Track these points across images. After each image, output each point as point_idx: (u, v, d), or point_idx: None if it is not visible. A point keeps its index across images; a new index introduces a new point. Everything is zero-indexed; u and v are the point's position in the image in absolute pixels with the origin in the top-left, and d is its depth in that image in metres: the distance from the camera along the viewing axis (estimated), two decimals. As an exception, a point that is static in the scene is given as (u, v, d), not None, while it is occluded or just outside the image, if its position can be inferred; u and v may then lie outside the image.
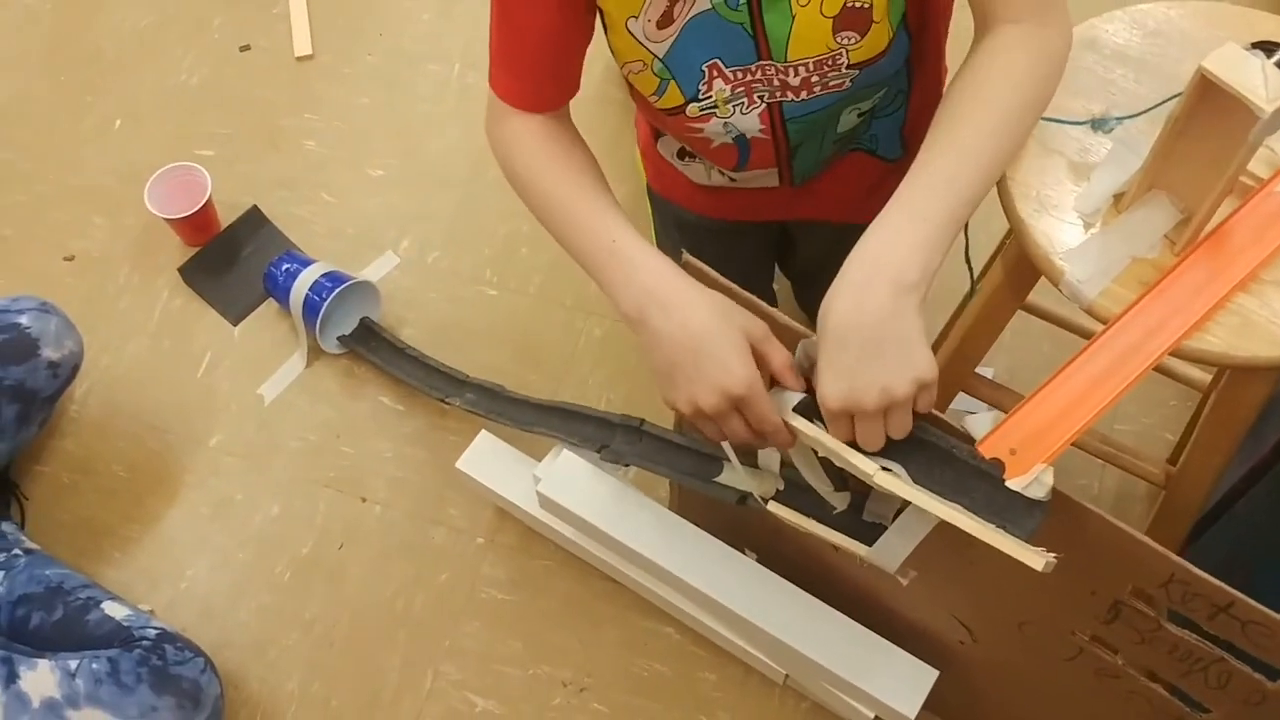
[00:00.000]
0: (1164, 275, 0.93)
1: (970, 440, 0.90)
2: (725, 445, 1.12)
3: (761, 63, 1.01)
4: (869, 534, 1.01)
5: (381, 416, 1.69)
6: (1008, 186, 0.99)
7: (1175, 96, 0.89)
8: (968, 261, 1.18)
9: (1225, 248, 0.94)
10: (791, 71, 1.02)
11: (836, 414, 0.87)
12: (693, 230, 1.40)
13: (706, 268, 0.97)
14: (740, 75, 1.03)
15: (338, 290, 1.69)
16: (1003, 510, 0.89)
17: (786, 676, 1.44)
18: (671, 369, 0.91)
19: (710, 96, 1.05)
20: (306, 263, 1.74)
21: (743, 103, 1.06)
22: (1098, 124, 1.01)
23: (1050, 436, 0.88)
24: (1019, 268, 1.02)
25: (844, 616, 1.28)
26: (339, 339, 1.72)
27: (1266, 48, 0.92)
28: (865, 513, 1.06)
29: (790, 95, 1.05)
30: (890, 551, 0.99)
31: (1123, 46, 1.05)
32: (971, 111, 0.89)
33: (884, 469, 0.91)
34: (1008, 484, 0.87)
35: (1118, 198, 0.97)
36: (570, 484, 1.36)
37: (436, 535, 1.60)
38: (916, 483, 0.91)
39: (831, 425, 0.89)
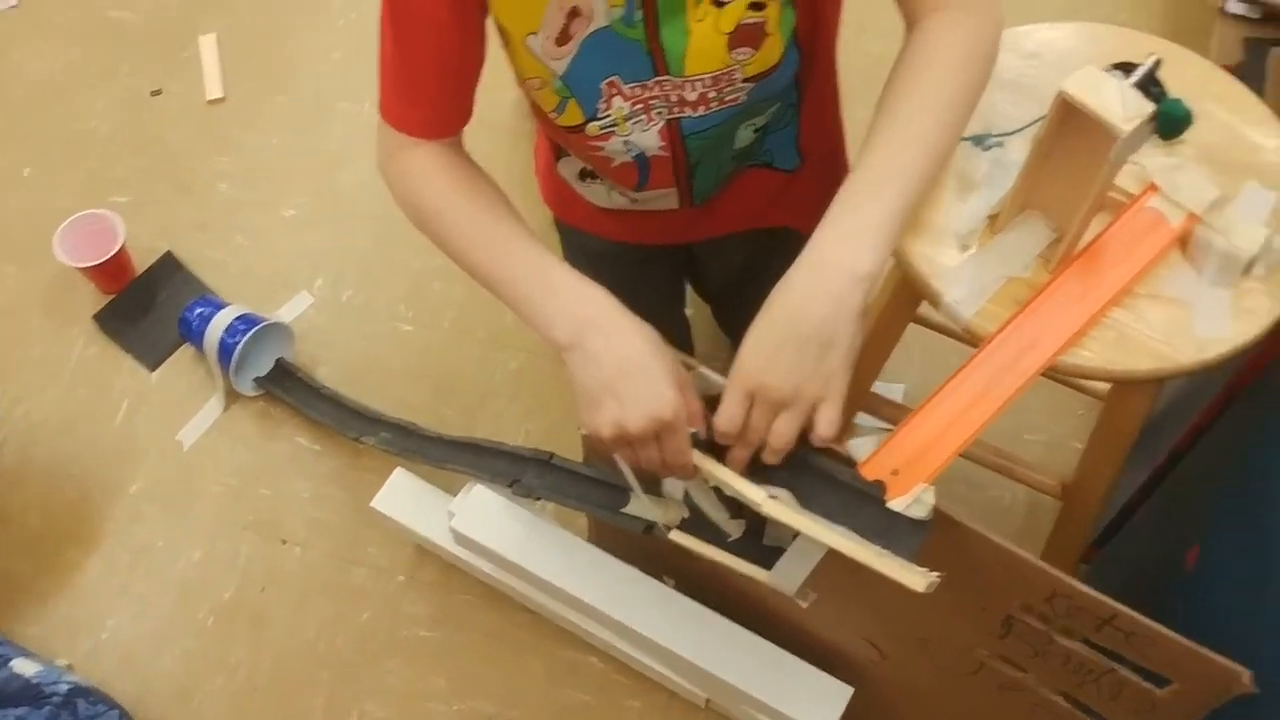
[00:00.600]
0: (1037, 293, 0.95)
1: (853, 463, 0.91)
2: (629, 475, 1.12)
3: (659, 79, 1.02)
4: (770, 559, 1.02)
5: (299, 457, 1.68)
6: (887, 211, 1.00)
7: (1044, 118, 0.91)
8: None
9: (1098, 264, 0.96)
10: (689, 87, 1.02)
11: (741, 393, 0.87)
12: (601, 259, 1.40)
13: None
14: (639, 92, 1.03)
15: (251, 332, 1.68)
16: (887, 531, 0.90)
17: (708, 701, 1.44)
18: (603, 391, 0.91)
19: (610, 114, 1.05)
20: (220, 306, 1.73)
21: (642, 120, 1.06)
22: (978, 140, 1.03)
23: (930, 456, 0.89)
24: (903, 288, 1.04)
25: (760, 639, 1.29)
26: (255, 381, 1.71)
27: (1125, 68, 0.95)
28: (766, 537, 1.06)
29: (688, 111, 1.05)
30: (788, 575, 1.00)
31: (1000, 68, 1.07)
32: (907, 107, 0.90)
33: (772, 497, 0.92)
34: (889, 505, 0.89)
35: (993, 218, 0.99)
36: (484, 519, 1.36)
37: (357, 574, 1.59)
38: (805, 507, 0.92)
39: (726, 403, 0.89)
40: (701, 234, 1.32)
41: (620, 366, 0.90)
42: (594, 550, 1.37)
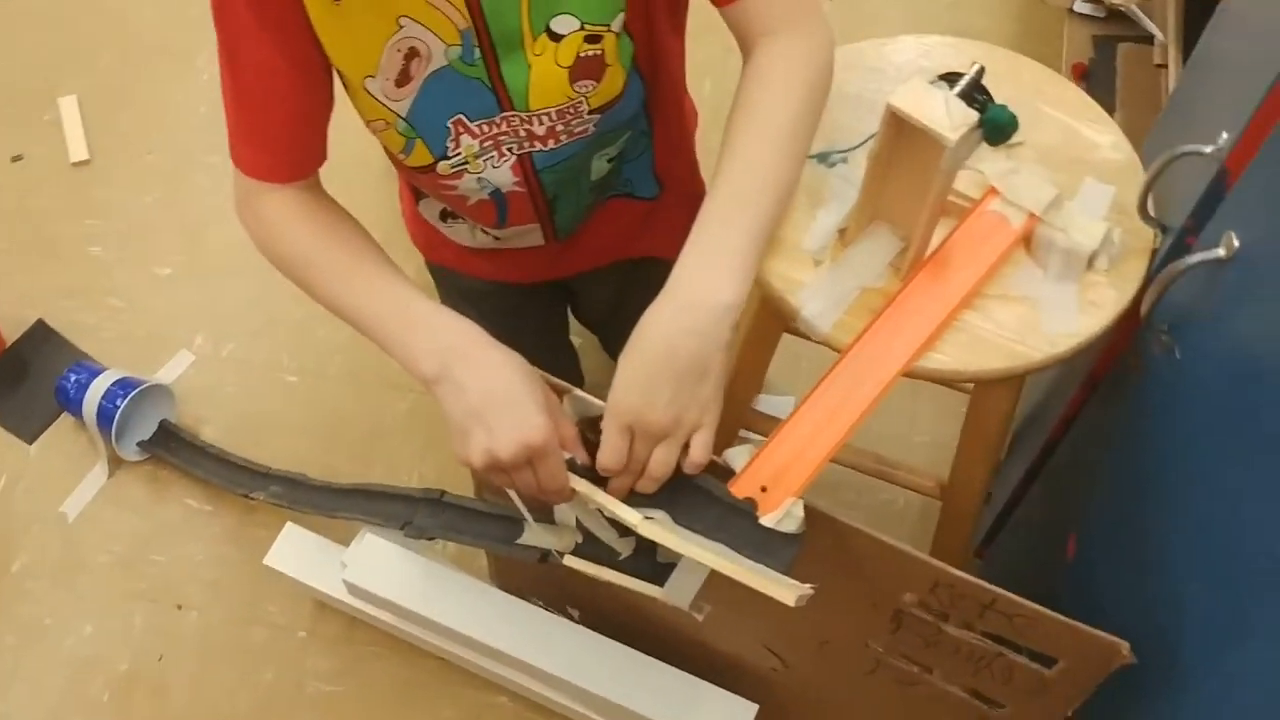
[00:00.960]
0: (890, 302, 0.97)
1: (731, 472, 0.92)
2: (518, 502, 1.12)
3: (505, 114, 1.02)
4: (664, 575, 1.02)
5: (190, 519, 1.65)
6: (741, 231, 1.01)
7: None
8: None
9: (946, 269, 0.98)
10: (535, 121, 1.03)
11: (620, 428, 0.88)
12: (477, 297, 1.40)
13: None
14: (486, 129, 1.03)
15: (131, 396, 1.64)
16: (762, 545, 0.91)
17: (620, 730, 1.44)
18: (471, 420, 0.91)
19: (459, 153, 1.05)
20: (97, 371, 1.69)
21: (492, 156, 1.06)
22: (822, 157, 1.05)
23: (797, 470, 0.91)
24: (765, 306, 1.05)
25: (662, 664, 1.29)
26: (139, 445, 1.67)
27: (950, 79, 0.97)
28: (659, 554, 1.07)
29: (538, 145, 1.06)
30: (681, 590, 1.00)
31: (842, 84, 1.10)
32: (750, 131, 0.92)
33: (648, 518, 0.92)
34: (761, 521, 0.90)
35: (843, 232, 1.01)
36: (378, 568, 1.35)
37: (257, 634, 1.56)
38: (682, 525, 0.93)
39: (608, 441, 0.89)
40: (571, 269, 1.32)
41: (487, 395, 0.90)
42: (492, 591, 1.36)
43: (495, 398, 0.90)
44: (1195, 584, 0.90)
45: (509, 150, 1.06)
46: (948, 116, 0.86)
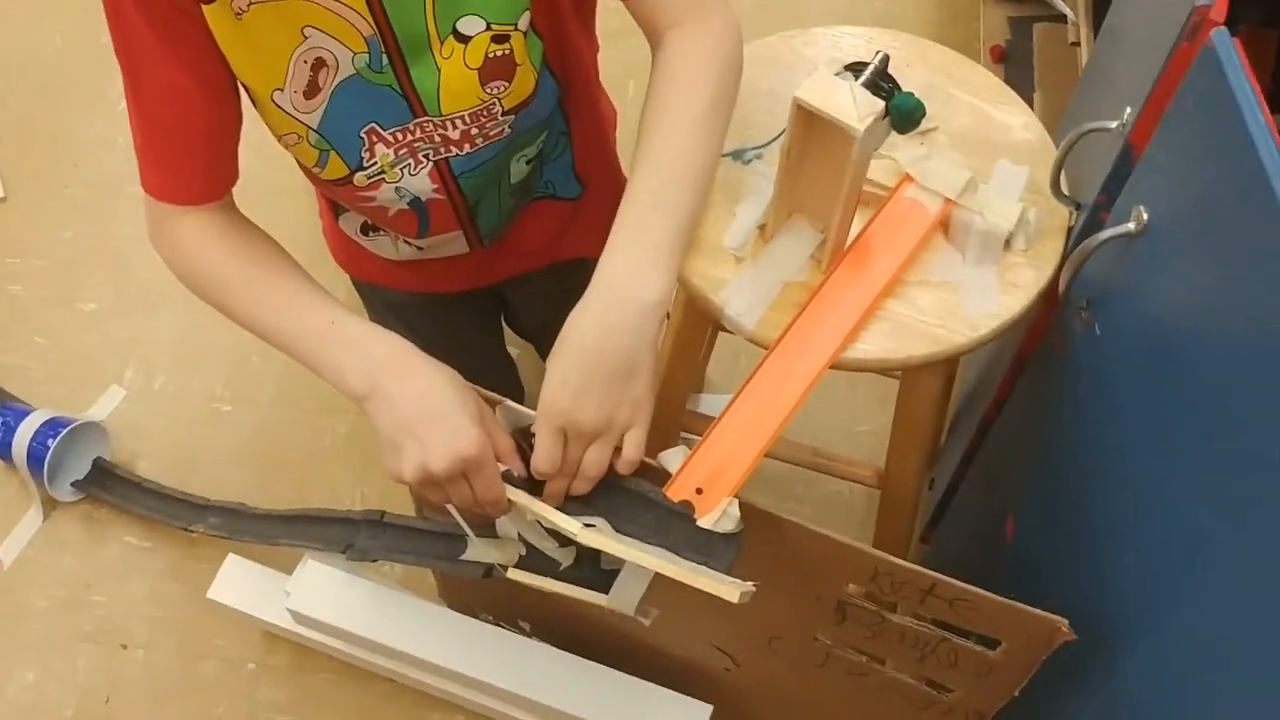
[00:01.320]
0: (813, 294, 0.97)
1: (668, 475, 0.91)
2: (458, 517, 1.11)
3: (418, 120, 1.00)
4: (609, 581, 1.02)
5: (131, 557, 1.62)
6: (661, 233, 1.01)
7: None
8: None
9: (865, 258, 0.98)
10: (450, 126, 1.01)
11: (553, 431, 0.87)
12: (405, 310, 1.38)
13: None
14: (400, 136, 1.02)
15: (61, 435, 1.61)
16: (702, 546, 0.91)
17: (578, 740, 1.43)
18: (403, 434, 0.89)
19: (375, 163, 1.03)
20: (25, 413, 1.65)
21: (409, 164, 1.05)
22: (736, 154, 1.05)
23: (731, 469, 0.90)
24: (692, 306, 1.05)
25: (615, 671, 1.29)
26: (73, 485, 1.64)
27: (856, 69, 0.98)
28: (603, 561, 1.06)
29: (454, 150, 1.04)
30: (625, 596, 1.00)
31: (752, 80, 1.10)
32: (662, 126, 0.91)
33: (588, 525, 0.92)
34: (698, 522, 0.89)
35: (762, 228, 1.01)
36: (321, 594, 1.33)
37: (206, 669, 1.54)
38: (621, 531, 0.92)
39: (541, 443, 0.88)
40: (498, 275, 1.31)
41: (418, 408, 0.89)
42: (440, 609, 1.35)
43: (425, 410, 0.89)
44: (1129, 556, 0.91)
45: (425, 157, 1.04)
46: (854, 107, 0.86)
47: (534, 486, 0.95)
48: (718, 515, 0.90)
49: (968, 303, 0.97)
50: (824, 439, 1.67)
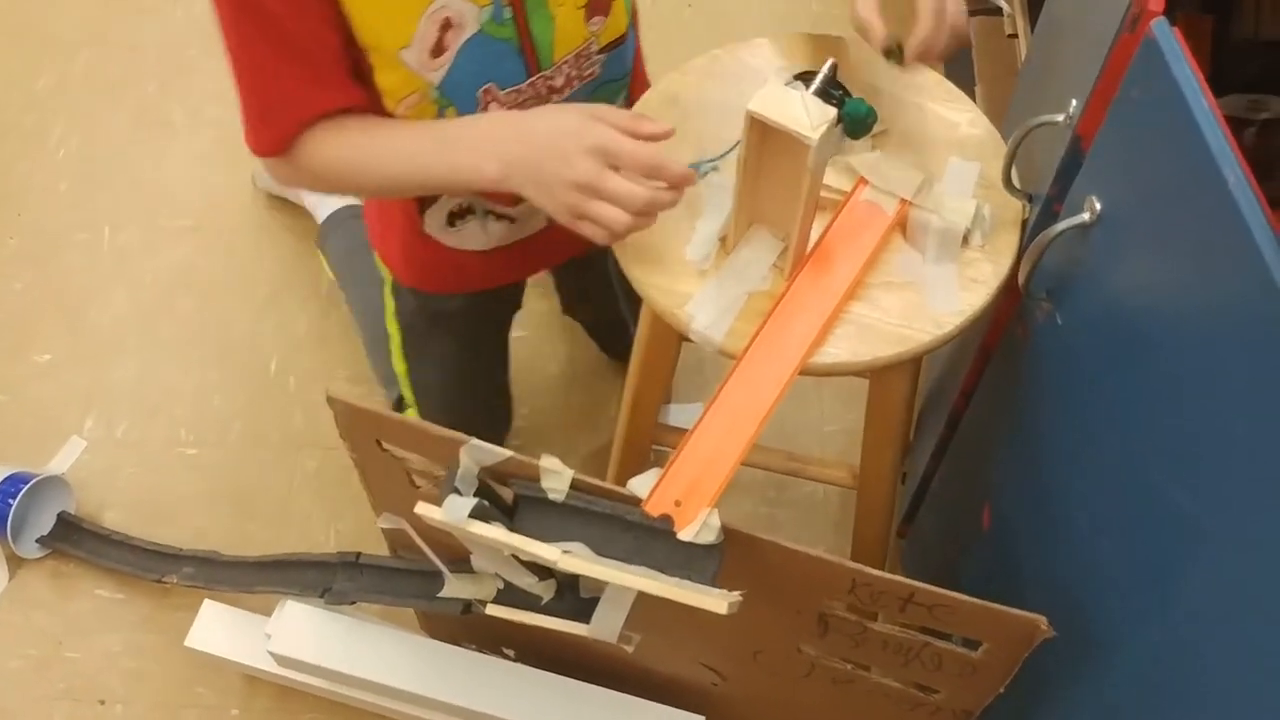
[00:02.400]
0: (777, 303, 0.97)
1: (637, 501, 0.92)
2: (432, 555, 1.11)
3: (532, 79, 1.06)
4: (589, 609, 1.01)
5: (103, 610, 1.59)
6: (623, 249, 1.01)
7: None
8: None
9: (827, 264, 0.99)
10: (557, 75, 1.08)
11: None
12: (452, 319, 1.41)
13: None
14: (513, 97, 1.07)
15: (23, 492, 1.58)
16: (684, 562, 0.91)
17: (570, 762, 1.42)
18: (542, 172, 0.95)
19: None
20: (-16, 471, 1.62)
21: None
22: (695, 168, 1.05)
23: (707, 480, 0.91)
24: (658, 322, 1.05)
25: (604, 690, 1.28)
26: (38, 541, 1.61)
27: (805, 78, 0.98)
28: (581, 589, 1.06)
29: (555, 97, 1.10)
30: (606, 624, 1.00)
31: (702, 94, 1.11)
32: None
33: (566, 552, 0.92)
34: (679, 535, 0.90)
35: (724, 239, 1.01)
36: (303, 635, 1.31)
37: (188, 718, 1.51)
38: (601, 554, 0.92)
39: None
40: (570, 251, 1.32)
41: (539, 152, 0.95)
42: (422, 640, 1.34)
43: (544, 141, 0.95)
44: (1104, 542, 0.92)
45: None
46: (806, 116, 0.87)
47: (510, 521, 0.95)
48: (698, 527, 0.90)
49: (931, 302, 0.98)
50: (794, 440, 1.68)
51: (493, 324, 1.50)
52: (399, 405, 1.61)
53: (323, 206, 1.78)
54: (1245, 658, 0.74)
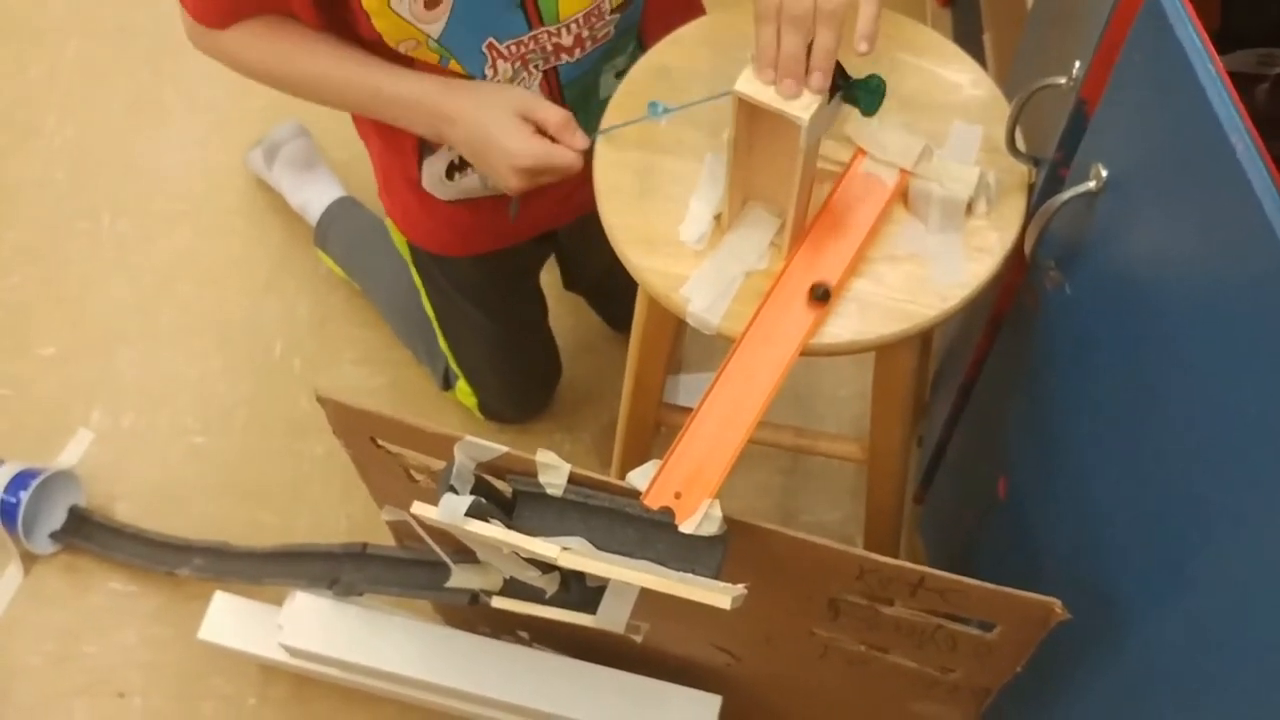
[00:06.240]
0: (775, 282, 0.94)
1: (636, 494, 0.89)
2: (435, 547, 1.09)
3: (535, 32, 1.05)
4: (596, 600, 1.00)
5: (117, 604, 1.59)
6: (614, 234, 0.99)
7: (720, 95, 0.92)
8: None
9: (827, 239, 0.96)
10: (564, 33, 1.06)
11: (767, 19, 0.84)
12: (468, 289, 1.43)
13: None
14: (515, 49, 1.05)
15: (33, 486, 1.58)
16: (688, 554, 0.89)
17: (590, 742, 1.42)
18: (479, 162, 1.06)
19: (497, 78, 1.08)
20: (-7, 468, 1.62)
21: (524, 77, 1.09)
22: (652, 107, 1.00)
23: (708, 470, 0.88)
24: (655, 305, 1.02)
25: (620, 672, 1.27)
26: (51, 536, 1.61)
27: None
28: (589, 578, 1.05)
29: (565, 57, 1.09)
30: (613, 615, 0.98)
31: (694, 64, 1.07)
32: None
33: (565, 549, 0.90)
34: (680, 527, 0.87)
35: (719, 218, 0.98)
36: (314, 625, 1.31)
37: (206, 709, 1.52)
38: (603, 548, 0.90)
39: (759, 33, 0.84)
40: (573, 211, 1.31)
41: (473, 143, 1.04)
42: (433, 627, 1.33)
43: (479, 144, 1.03)
44: (1120, 517, 0.89)
45: (535, 68, 1.08)
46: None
47: (508, 520, 0.93)
48: (699, 519, 0.88)
49: (935, 274, 0.95)
50: (807, 406, 1.66)
51: (519, 282, 1.49)
52: (447, 379, 1.60)
53: (311, 207, 1.76)
54: (1265, 638, 0.71)
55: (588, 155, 1.02)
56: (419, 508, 0.92)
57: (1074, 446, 0.98)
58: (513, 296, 1.50)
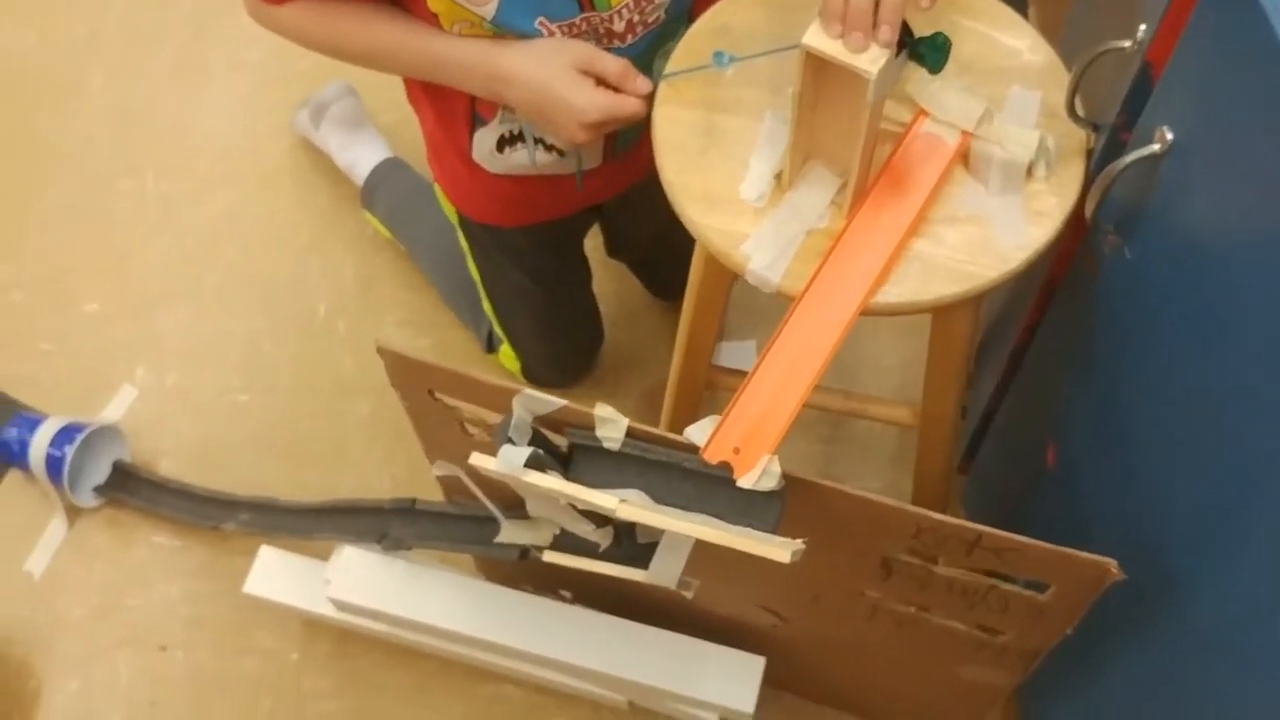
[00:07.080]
0: (836, 241, 0.95)
1: (694, 448, 0.90)
2: (487, 502, 1.10)
3: (585, 15, 1.05)
4: (647, 555, 1.01)
5: (161, 558, 1.61)
6: (674, 193, 0.99)
7: (787, 48, 0.92)
8: None
9: (888, 199, 0.96)
10: (615, 18, 1.07)
11: None
12: (517, 254, 1.44)
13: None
14: (566, 31, 1.06)
15: (78, 440, 1.60)
16: (746, 509, 0.90)
17: (631, 703, 1.43)
18: (542, 120, 1.08)
19: None
20: (38, 421, 1.63)
21: None
22: (717, 57, 1.02)
23: (767, 426, 0.89)
24: (713, 263, 1.03)
25: (663, 631, 1.29)
26: (95, 490, 1.63)
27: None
28: (639, 535, 1.05)
29: (616, 43, 1.09)
30: (665, 570, 0.99)
31: (753, 24, 1.07)
32: None
33: (623, 500, 0.91)
34: (738, 483, 0.88)
35: (779, 177, 0.98)
36: (361, 579, 1.33)
37: (249, 663, 1.53)
38: (660, 502, 0.91)
39: (826, 10, 0.85)
40: (618, 187, 1.32)
41: (535, 104, 1.06)
42: (481, 583, 1.34)
43: (541, 104, 1.05)
44: (1177, 484, 0.89)
45: None
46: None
47: (565, 470, 0.94)
48: (758, 474, 0.88)
49: (997, 235, 0.95)
50: (852, 375, 1.66)
51: (565, 249, 1.50)
52: (490, 342, 1.61)
53: (359, 167, 1.76)
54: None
55: (649, 103, 1.03)
56: (477, 458, 0.93)
57: (1129, 412, 0.98)
58: (558, 263, 1.51)
